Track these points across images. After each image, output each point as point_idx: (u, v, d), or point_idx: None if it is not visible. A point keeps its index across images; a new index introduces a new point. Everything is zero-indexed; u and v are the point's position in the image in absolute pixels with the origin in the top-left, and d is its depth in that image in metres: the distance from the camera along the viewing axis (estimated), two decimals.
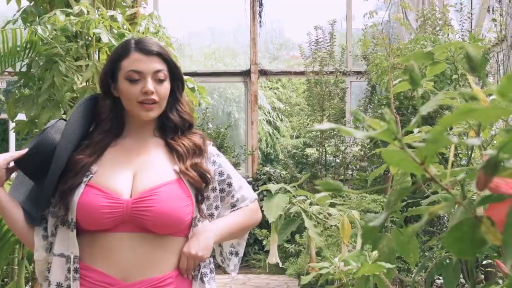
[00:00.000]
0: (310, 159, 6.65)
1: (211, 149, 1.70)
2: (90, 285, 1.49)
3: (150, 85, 1.54)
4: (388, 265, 1.18)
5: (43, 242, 1.58)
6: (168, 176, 1.55)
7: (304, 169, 6.69)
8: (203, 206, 1.59)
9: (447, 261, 1.43)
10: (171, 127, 1.64)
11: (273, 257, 1.77)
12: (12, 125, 3.46)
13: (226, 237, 1.68)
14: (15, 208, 1.58)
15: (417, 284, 2.50)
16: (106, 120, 1.62)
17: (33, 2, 3.70)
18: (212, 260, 1.66)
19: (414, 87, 0.48)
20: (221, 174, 1.67)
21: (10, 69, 3.70)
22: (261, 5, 7.39)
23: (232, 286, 5.93)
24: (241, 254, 1.79)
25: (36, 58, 3.40)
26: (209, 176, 1.61)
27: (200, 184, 1.57)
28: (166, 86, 1.59)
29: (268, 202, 1.66)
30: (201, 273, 1.58)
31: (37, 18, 3.42)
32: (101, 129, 1.62)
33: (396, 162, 0.53)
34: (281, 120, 10.91)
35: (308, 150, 6.86)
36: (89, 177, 1.52)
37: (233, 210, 1.70)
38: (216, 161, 1.68)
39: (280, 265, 1.94)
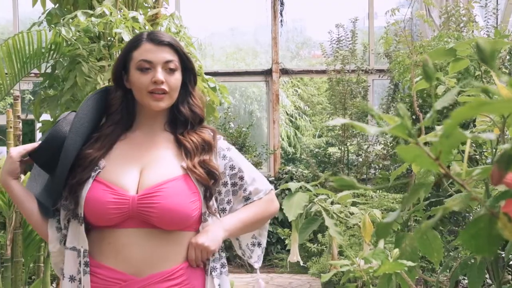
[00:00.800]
0: (332, 158, 6.62)
1: (221, 143, 1.68)
2: (102, 282, 1.49)
3: (160, 74, 1.54)
4: (410, 263, 1.17)
5: (56, 234, 1.59)
6: (175, 172, 1.54)
7: (326, 168, 6.66)
8: (212, 203, 1.58)
9: (472, 260, 1.41)
10: (181, 121, 1.63)
11: (294, 256, 1.77)
12: (38, 125, 3.52)
13: (238, 232, 1.67)
14: (30, 201, 1.60)
15: (441, 284, 2.47)
16: (116, 112, 1.61)
17: (57, 4, 3.76)
18: (223, 255, 1.65)
19: (429, 81, 0.47)
20: (232, 168, 1.65)
21: (36, 71, 3.78)
22: (282, 4, 7.38)
23: (255, 285, 5.93)
24: (264, 245, 1.77)
25: (61, 59, 3.45)
26: (217, 173, 1.59)
27: (207, 182, 1.55)
28: (177, 77, 1.58)
29: (288, 200, 1.65)
30: (210, 267, 1.58)
31: (61, 20, 3.47)
32: (111, 121, 1.61)
33: (412, 158, 0.52)
34: (303, 119, 10.89)
35: (331, 149, 6.82)
36: (97, 172, 1.52)
37: (246, 204, 1.69)
38: (226, 155, 1.66)
39: (301, 263, 1.93)
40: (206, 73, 4.56)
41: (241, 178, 1.67)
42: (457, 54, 1.75)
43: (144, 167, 1.55)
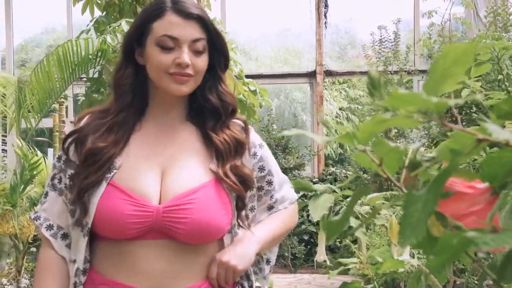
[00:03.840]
0: None
1: (254, 137, 1.39)
2: None
3: (186, 55, 1.24)
4: (414, 261, 1.22)
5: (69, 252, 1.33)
6: (203, 177, 1.27)
7: (370, 169, 6.63)
8: (244, 213, 1.33)
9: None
10: (210, 111, 1.33)
11: (321, 256, 1.83)
12: None
13: (268, 246, 1.40)
14: None
15: (470, 285, 2.48)
16: (126, 93, 1.30)
17: (104, 12, 3.95)
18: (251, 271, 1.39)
19: (372, 96, 0.54)
20: (261, 169, 1.38)
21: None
22: (326, 6, 7.42)
23: (298, 285, 6.00)
24: (273, 262, 1.49)
25: (107, 65, 3.64)
26: (252, 182, 1.33)
27: (241, 191, 1.29)
28: (204, 59, 1.28)
29: (313, 201, 1.71)
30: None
31: (107, 28, 3.66)
32: (120, 104, 1.30)
33: (367, 164, 0.60)
34: (352, 121, 10.86)
35: None
36: (112, 174, 1.24)
37: (271, 213, 1.43)
38: (257, 153, 1.38)
39: (328, 263, 1.99)
40: (251, 76, 4.67)
41: (270, 182, 1.40)
42: (478, 58, 1.78)
43: (166, 169, 1.28)
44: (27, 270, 4.17)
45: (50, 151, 6.00)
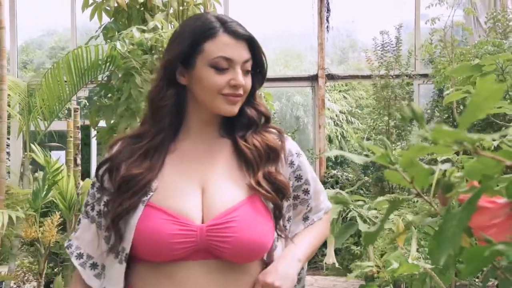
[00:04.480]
0: (377, 163, 6.66)
1: (290, 145, 1.37)
2: None
3: (241, 77, 1.24)
4: (428, 266, 1.29)
5: (99, 282, 1.30)
6: (242, 193, 1.25)
7: (372, 172, 6.72)
8: (282, 223, 1.29)
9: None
10: (243, 123, 1.32)
11: (330, 258, 1.90)
12: (93, 131, 3.80)
13: (306, 260, 1.38)
14: None
15: (473, 287, 2.55)
16: (166, 114, 1.28)
17: (113, 18, 4.02)
18: None
19: (404, 122, 0.61)
20: (298, 178, 1.36)
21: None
22: (328, 10, 7.50)
23: None
24: (306, 266, 1.47)
25: (116, 71, 3.70)
26: (288, 190, 1.30)
27: (275, 199, 1.26)
28: (250, 78, 1.29)
29: None
30: None
31: (116, 34, 3.73)
32: (159, 127, 1.28)
33: (397, 180, 0.66)
34: (351, 122, 10.94)
35: None
36: (149, 196, 1.22)
37: (306, 226, 1.41)
38: (294, 162, 1.36)
39: (337, 265, 2.06)
40: None
41: (306, 191, 1.38)
42: (483, 69, 1.85)
43: (205, 186, 1.26)
44: (37, 274, 4.23)
45: (53, 153, 6.06)
